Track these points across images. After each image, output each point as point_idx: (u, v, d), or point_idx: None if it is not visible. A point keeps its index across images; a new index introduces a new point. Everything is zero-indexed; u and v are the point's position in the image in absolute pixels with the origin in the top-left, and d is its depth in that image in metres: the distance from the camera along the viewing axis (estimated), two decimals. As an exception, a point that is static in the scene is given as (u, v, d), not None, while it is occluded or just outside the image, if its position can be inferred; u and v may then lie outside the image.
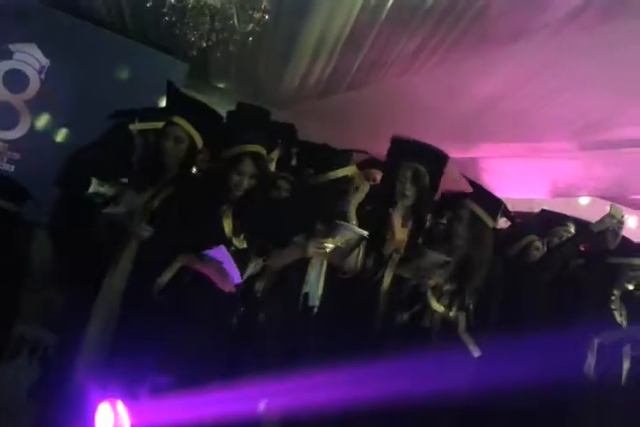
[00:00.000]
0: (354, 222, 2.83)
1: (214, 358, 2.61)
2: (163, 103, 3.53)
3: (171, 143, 2.76)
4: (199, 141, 2.80)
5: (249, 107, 3.68)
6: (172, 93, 2.89)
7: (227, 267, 2.44)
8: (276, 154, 3.51)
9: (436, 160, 3.09)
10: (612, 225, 3.47)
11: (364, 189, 2.94)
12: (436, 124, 4.42)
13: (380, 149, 3.21)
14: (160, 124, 2.79)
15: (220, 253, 2.43)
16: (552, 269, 3.43)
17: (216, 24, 3.58)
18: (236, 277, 2.48)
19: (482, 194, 3.07)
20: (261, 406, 2.68)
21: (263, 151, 2.75)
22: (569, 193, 4.56)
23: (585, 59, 3.60)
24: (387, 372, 2.63)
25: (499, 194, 3.63)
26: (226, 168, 2.65)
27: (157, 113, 2.91)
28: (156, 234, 2.53)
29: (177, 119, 2.77)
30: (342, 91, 4.93)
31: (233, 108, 3.51)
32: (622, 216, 3.46)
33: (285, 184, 3.18)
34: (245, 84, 4.89)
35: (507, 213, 3.19)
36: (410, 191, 2.99)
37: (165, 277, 2.39)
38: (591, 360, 3.09)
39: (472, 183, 3.11)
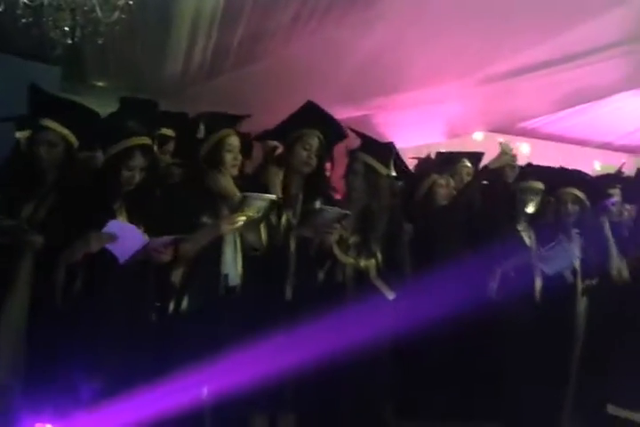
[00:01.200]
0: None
1: (141, 355, 2.54)
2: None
3: (45, 148, 2.62)
4: (75, 142, 2.67)
5: (132, 100, 3.55)
6: (37, 97, 2.73)
7: (124, 234, 2.34)
8: (171, 146, 3.42)
9: (337, 132, 3.06)
10: (506, 161, 3.57)
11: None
12: (327, 87, 4.39)
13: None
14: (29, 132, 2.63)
15: (113, 226, 2.33)
16: (460, 210, 3.51)
17: (78, 18, 3.38)
18: (140, 239, 2.38)
19: (371, 144, 3.07)
20: (202, 392, 2.63)
21: (150, 142, 2.64)
22: (462, 132, 4.65)
23: (453, 3, 3.64)
24: (313, 332, 2.64)
25: (397, 144, 3.64)
26: (114, 165, 2.54)
27: (25, 119, 2.74)
28: (49, 242, 2.40)
29: (47, 122, 2.63)
30: (229, 69, 4.80)
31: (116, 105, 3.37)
32: (511, 150, 3.54)
33: (177, 170, 3.09)
34: (126, 78, 4.70)
35: (399, 160, 3.20)
36: (313, 160, 2.96)
37: (59, 282, 2.27)
38: (494, 284, 3.19)
39: (360, 135, 3.10)
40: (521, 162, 3.88)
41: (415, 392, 3.11)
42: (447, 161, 3.79)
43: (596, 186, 3.76)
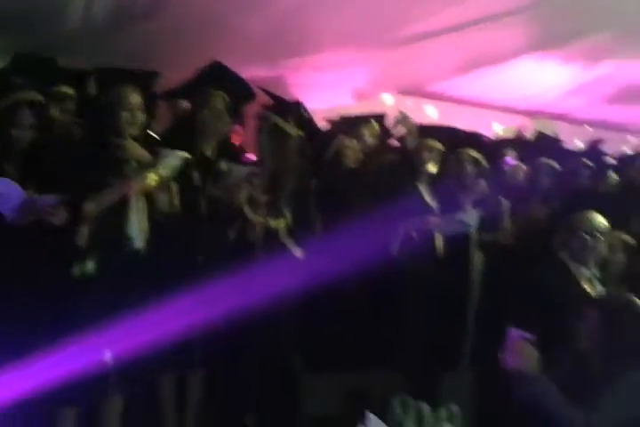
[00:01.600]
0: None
1: (42, 318, 2.47)
2: None
3: None
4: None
5: (25, 56, 3.31)
6: None
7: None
8: (71, 102, 3.24)
9: (245, 93, 3.00)
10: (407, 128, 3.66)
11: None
12: (237, 45, 4.29)
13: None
14: None
15: None
16: (369, 175, 3.57)
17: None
18: (18, 193, 2.31)
19: (280, 104, 3.05)
20: (107, 355, 2.59)
21: (40, 99, 2.50)
22: (372, 94, 4.70)
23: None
24: (221, 291, 2.66)
25: (309, 105, 3.63)
26: (1, 122, 2.40)
27: None
28: None
29: None
30: (135, 22, 4.57)
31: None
32: (408, 118, 3.70)
33: (78, 129, 2.95)
34: (22, 34, 4.38)
35: (308, 120, 3.20)
36: (221, 122, 2.90)
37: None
38: (397, 241, 3.29)
39: (269, 95, 3.07)
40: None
41: (321, 345, 3.19)
42: (352, 123, 3.83)
43: (494, 147, 3.91)
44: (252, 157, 3.23)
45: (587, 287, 3.09)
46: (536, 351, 2.10)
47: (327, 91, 4.49)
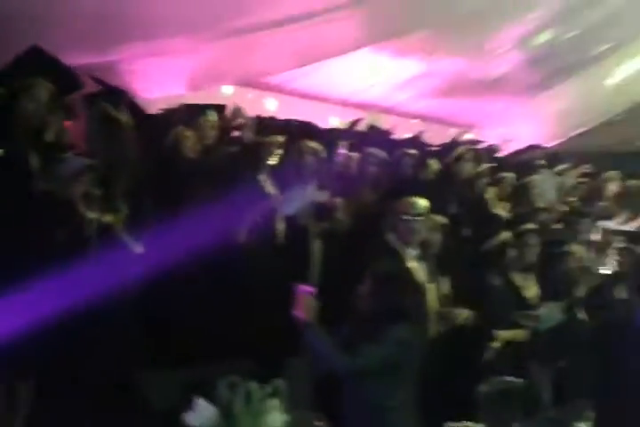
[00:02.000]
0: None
1: None
2: None
3: None
4: None
5: None
6: None
7: None
8: None
9: (70, 81, 2.84)
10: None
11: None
12: (62, 31, 4.04)
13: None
14: None
15: None
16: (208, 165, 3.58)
17: None
18: None
19: (108, 90, 2.94)
20: None
21: None
22: (207, 84, 4.67)
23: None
24: (54, 291, 2.53)
25: (144, 94, 3.52)
26: None
27: None
28: None
29: None
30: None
31: None
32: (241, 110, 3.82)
33: None
34: None
35: (137, 107, 3.13)
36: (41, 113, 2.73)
37: None
38: (242, 230, 3.36)
39: (97, 81, 2.96)
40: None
41: (159, 341, 3.15)
42: (191, 113, 3.81)
43: (328, 138, 4.10)
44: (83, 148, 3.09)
45: (413, 266, 3.37)
46: (315, 302, 2.44)
47: (162, 79, 4.38)
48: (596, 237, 5.10)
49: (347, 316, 2.65)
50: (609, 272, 4.69)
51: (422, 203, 3.47)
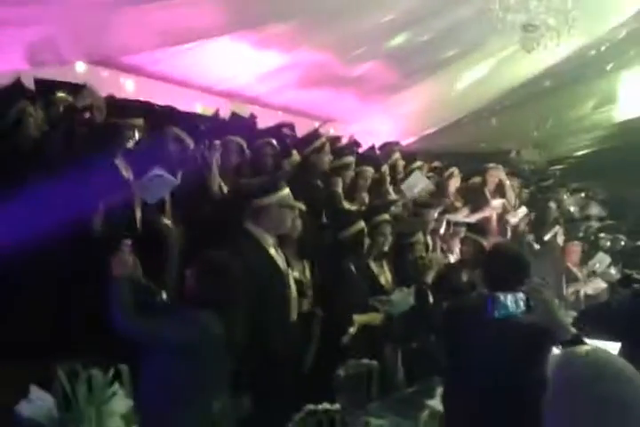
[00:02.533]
0: None
1: None
2: None
3: None
4: None
5: None
6: None
7: None
8: None
9: None
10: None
11: None
12: None
13: None
14: None
15: None
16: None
17: None
18: None
19: None
20: None
21: None
22: (56, 60, 4.33)
23: None
24: None
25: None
26: None
27: None
28: None
29: None
30: None
31: None
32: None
33: None
34: None
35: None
36: None
37: None
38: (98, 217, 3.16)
39: None
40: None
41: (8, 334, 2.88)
42: (38, 89, 3.51)
43: (190, 124, 3.97)
44: None
45: (272, 252, 3.34)
46: (132, 258, 2.57)
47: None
48: (442, 228, 5.43)
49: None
50: (454, 260, 5.02)
51: (283, 191, 3.46)
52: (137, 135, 3.64)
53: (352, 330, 3.78)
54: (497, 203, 6.25)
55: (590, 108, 9.02)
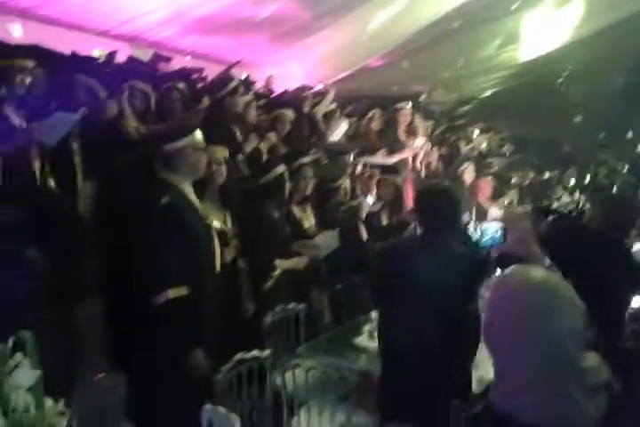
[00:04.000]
0: None
1: None
2: None
3: None
4: None
5: None
6: None
7: None
8: None
9: None
10: None
11: None
12: None
13: None
14: None
15: None
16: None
17: None
18: None
19: None
20: None
21: None
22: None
23: None
24: None
25: None
26: None
27: None
28: None
29: None
30: None
31: None
32: None
33: None
34: None
35: None
36: None
37: None
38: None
39: None
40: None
41: None
42: None
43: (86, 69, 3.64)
44: None
45: (192, 199, 3.12)
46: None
47: None
48: (359, 170, 5.38)
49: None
50: (375, 202, 4.99)
51: (198, 135, 3.23)
52: (28, 79, 3.28)
53: (276, 275, 3.68)
54: (417, 143, 6.25)
55: (496, 48, 9.13)
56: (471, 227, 5.42)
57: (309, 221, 4.15)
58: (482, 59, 9.34)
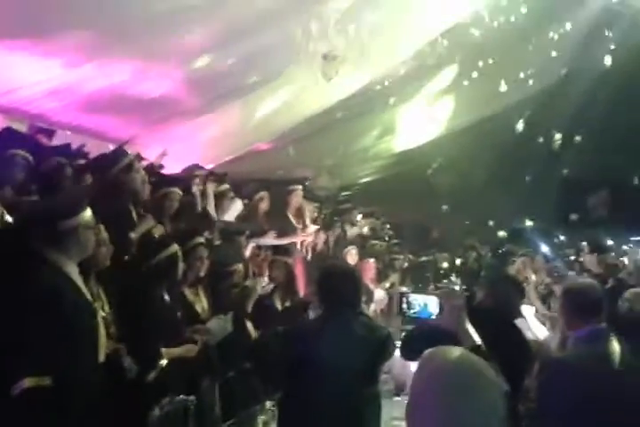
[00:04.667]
0: None
1: None
2: None
3: None
4: None
5: None
6: None
7: None
8: None
9: None
10: None
11: None
12: None
13: None
14: None
15: None
16: None
17: None
18: None
19: None
20: None
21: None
22: None
23: None
24: None
25: None
26: None
27: None
28: None
29: None
30: None
31: None
32: None
33: None
34: None
35: None
36: None
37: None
38: None
39: None
40: None
41: None
42: None
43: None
44: None
45: (79, 284, 2.80)
46: None
47: None
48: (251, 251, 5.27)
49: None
50: (266, 284, 4.85)
51: (88, 213, 2.97)
52: None
53: (162, 364, 3.34)
54: (313, 228, 6.32)
55: (374, 139, 9.72)
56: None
57: (202, 304, 3.91)
58: (361, 148, 9.89)
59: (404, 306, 2.69)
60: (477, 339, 2.11)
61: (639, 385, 2.53)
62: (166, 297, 3.55)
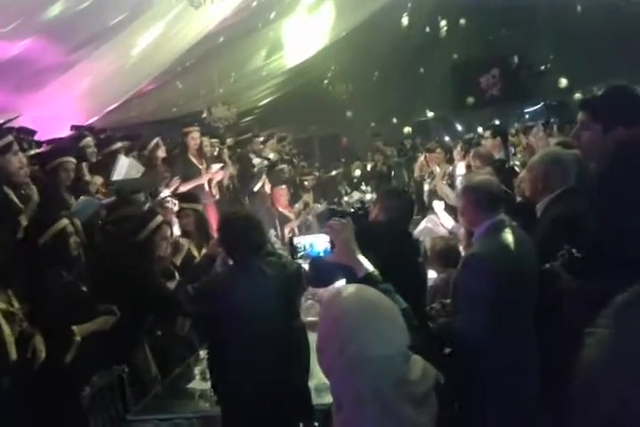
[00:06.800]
0: None
1: None
2: None
3: None
4: None
5: None
6: None
7: None
8: None
9: None
10: None
11: None
12: None
13: None
14: None
15: None
16: None
17: None
18: None
19: None
20: None
21: None
22: None
23: None
24: None
25: None
26: None
27: None
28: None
29: None
30: None
31: None
32: None
33: None
34: None
35: None
36: None
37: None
38: None
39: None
40: None
41: None
42: None
43: None
44: None
45: None
46: None
47: None
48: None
49: None
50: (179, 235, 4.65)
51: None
52: None
53: (77, 341, 3.17)
54: (216, 166, 6.04)
55: (263, 59, 9.23)
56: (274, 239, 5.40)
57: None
58: (252, 70, 9.40)
59: (291, 250, 2.68)
60: (370, 267, 2.08)
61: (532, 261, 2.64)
62: (64, 274, 3.31)
